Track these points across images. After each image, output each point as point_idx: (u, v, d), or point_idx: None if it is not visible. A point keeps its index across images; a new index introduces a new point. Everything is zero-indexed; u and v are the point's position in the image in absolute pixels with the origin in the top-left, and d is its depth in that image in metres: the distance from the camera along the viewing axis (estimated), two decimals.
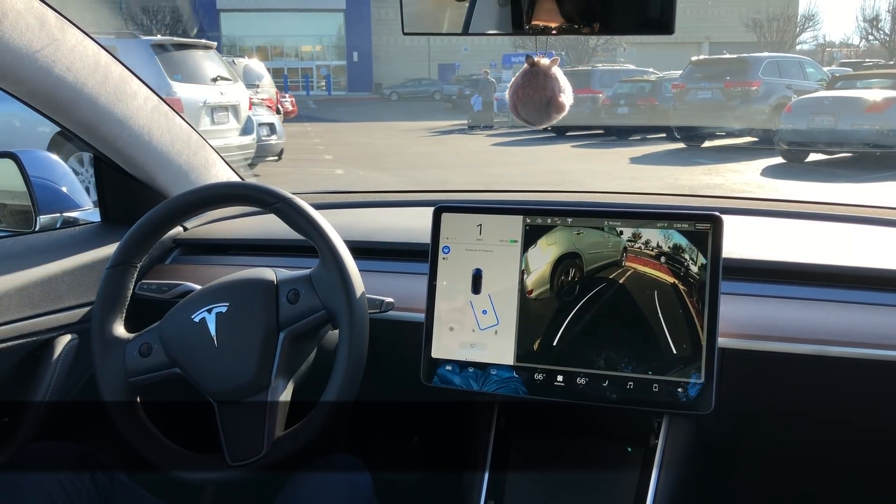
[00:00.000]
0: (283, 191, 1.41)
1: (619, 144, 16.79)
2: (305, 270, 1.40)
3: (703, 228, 1.32)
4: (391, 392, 1.71)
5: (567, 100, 1.37)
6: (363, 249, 1.57)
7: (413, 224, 1.76)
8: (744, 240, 1.55)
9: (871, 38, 41.82)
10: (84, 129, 1.62)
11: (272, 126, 11.31)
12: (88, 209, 1.89)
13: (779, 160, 12.80)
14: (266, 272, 1.43)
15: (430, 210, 1.46)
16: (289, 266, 1.48)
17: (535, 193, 2.05)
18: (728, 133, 16.21)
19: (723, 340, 1.33)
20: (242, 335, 1.37)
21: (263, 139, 10.77)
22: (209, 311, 1.39)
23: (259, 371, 1.35)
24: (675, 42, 38.27)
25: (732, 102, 15.68)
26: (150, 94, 1.72)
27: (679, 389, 1.30)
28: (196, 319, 1.39)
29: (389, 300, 1.48)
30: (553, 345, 1.37)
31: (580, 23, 1.27)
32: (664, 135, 16.34)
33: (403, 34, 1.35)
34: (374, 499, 1.41)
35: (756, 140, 15.45)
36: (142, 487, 1.47)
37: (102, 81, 1.58)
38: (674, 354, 1.31)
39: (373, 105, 35.99)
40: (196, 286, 1.58)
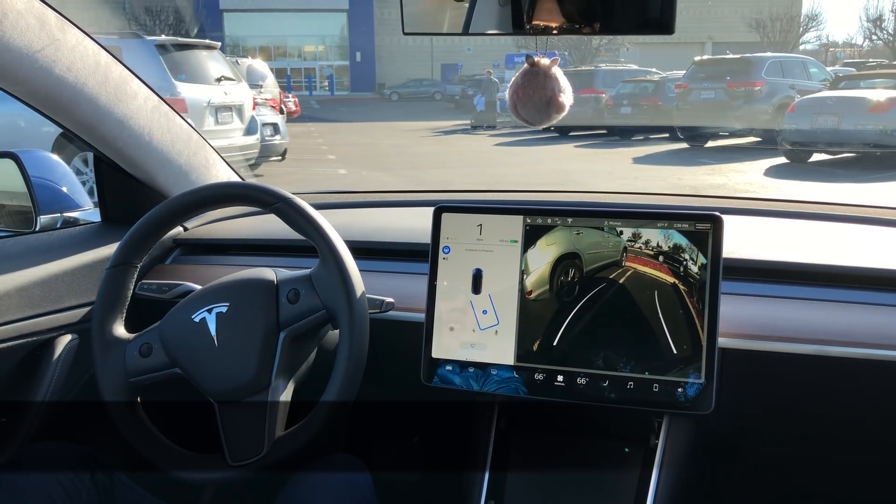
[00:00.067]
0: (283, 191, 1.41)
1: (623, 144, 16.78)
2: (305, 270, 1.40)
3: (704, 228, 1.32)
4: (391, 392, 1.71)
5: (567, 100, 1.37)
6: (363, 249, 1.57)
7: (413, 224, 1.76)
8: (744, 240, 1.55)
9: (875, 38, 41.81)
10: (84, 130, 1.62)
11: (276, 126, 11.30)
12: (89, 209, 1.89)
13: (782, 160, 12.79)
14: (266, 272, 1.43)
15: (431, 210, 1.46)
16: (289, 266, 1.48)
17: (536, 193, 2.05)
18: (731, 133, 16.19)
19: (723, 340, 1.33)
20: (243, 335, 1.37)
21: (267, 139, 10.77)
22: (209, 311, 1.39)
23: (259, 371, 1.35)
24: (679, 42, 38.26)
25: (736, 102, 15.66)
26: (151, 95, 1.72)
27: (679, 389, 1.30)
28: (196, 319, 1.39)
29: (390, 300, 1.48)
30: (553, 345, 1.37)
31: (581, 22, 1.27)
32: (667, 135, 16.33)
33: (403, 34, 1.35)
34: (374, 499, 1.41)
35: (759, 140, 15.43)
36: (142, 487, 1.47)
37: (103, 81, 1.58)
38: (674, 354, 1.31)
39: (376, 105, 36.01)
40: (196, 286, 1.58)
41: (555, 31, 1.28)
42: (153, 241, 1.49)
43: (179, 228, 1.89)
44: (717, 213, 1.31)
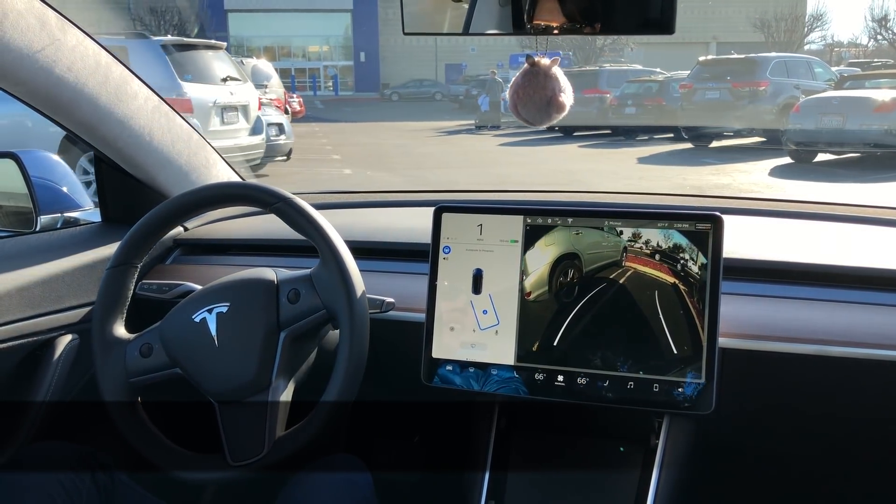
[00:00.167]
0: (283, 190, 1.41)
1: (627, 144, 16.76)
2: (306, 270, 1.40)
3: (704, 228, 1.32)
4: (392, 392, 1.71)
5: (567, 99, 1.37)
6: (364, 249, 1.57)
7: (414, 224, 1.75)
8: (744, 240, 1.55)
9: (880, 38, 41.71)
10: (85, 130, 1.62)
11: (281, 126, 11.32)
12: (89, 209, 1.90)
13: (787, 160, 12.77)
14: (266, 272, 1.43)
15: (431, 210, 1.46)
16: (289, 266, 1.48)
17: (537, 193, 2.04)
18: (736, 133, 16.17)
19: (723, 340, 1.33)
20: (243, 335, 1.37)
21: (272, 139, 10.78)
22: (210, 311, 1.39)
23: (260, 371, 1.35)
24: (683, 42, 38.26)
25: (740, 102, 15.65)
26: (151, 95, 1.72)
27: (679, 389, 1.30)
28: (197, 319, 1.39)
29: (390, 300, 1.48)
30: (554, 345, 1.37)
31: (581, 22, 1.27)
32: (672, 135, 16.32)
33: (404, 34, 1.35)
34: (375, 499, 1.41)
35: (764, 140, 15.42)
36: (142, 487, 1.47)
37: (103, 82, 1.58)
38: (674, 354, 1.31)
39: (380, 105, 36.04)
40: (196, 286, 1.58)
41: (555, 31, 1.28)
42: (153, 242, 1.49)
43: (180, 228, 1.89)
44: (718, 213, 1.31)
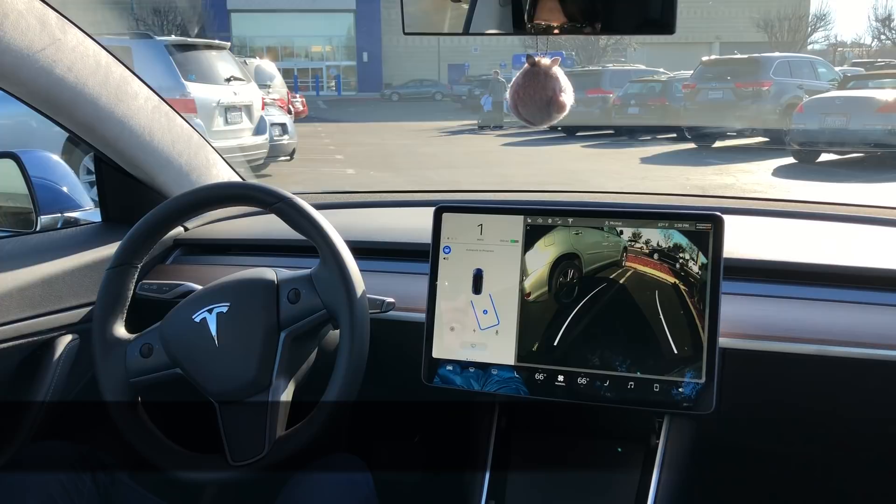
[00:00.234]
0: (283, 190, 1.41)
1: (630, 144, 16.73)
2: (306, 270, 1.40)
3: (704, 228, 1.31)
4: (392, 392, 1.71)
5: (568, 99, 1.36)
6: (364, 249, 1.57)
7: (414, 224, 1.75)
8: (745, 239, 1.55)
9: (884, 38, 41.68)
10: (85, 130, 1.62)
11: (284, 126, 11.34)
12: (89, 209, 1.90)
13: (790, 160, 12.74)
14: (267, 272, 1.42)
15: (431, 210, 1.46)
16: (289, 266, 1.47)
17: (537, 193, 2.04)
18: (739, 133, 16.13)
19: (724, 340, 1.33)
20: (243, 335, 1.37)
21: (276, 139, 10.80)
22: (210, 312, 1.39)
23: (260, 371, 1.35)
24: (686, 42, 38.24)
25: (743, 102, 15.61)
26: (151, 95, 1.72)
27: (680, 389, 1.30)
28: (197, 319, 1.39)
29: (390, 300, 1.48)
30: (554, 345, 1.37)
31: (582, 22, 1.27)
32: (675, 135, 16.28)
33: (404, 34, 1.34)
34: (375, 499, 1.41)
35: (767, 140, 15.39)
36: (143, 488, 1.47)
37: (103, 82, 1.58)
38: (674, 354, 1.31)
39: (383, 105, 36.03)
40: (197, 286, 1.58)
41: (556, 31, 1.27)
42: (154, 242, 1.49)
43: (180, 228, 1.89)
44: (718, 213, 1.31)
